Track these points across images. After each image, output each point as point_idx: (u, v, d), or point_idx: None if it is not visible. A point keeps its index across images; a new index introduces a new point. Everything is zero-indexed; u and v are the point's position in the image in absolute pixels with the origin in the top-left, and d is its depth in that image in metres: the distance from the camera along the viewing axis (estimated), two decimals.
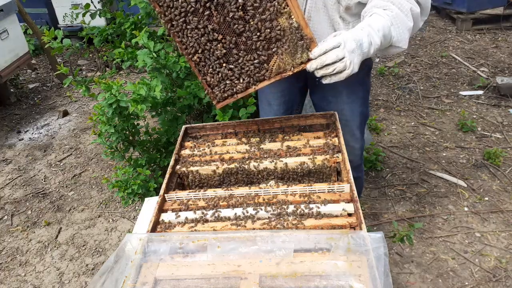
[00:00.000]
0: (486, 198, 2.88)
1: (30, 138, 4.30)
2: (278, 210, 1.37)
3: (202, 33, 1.43)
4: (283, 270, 1.12)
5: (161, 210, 1.47)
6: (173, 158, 1.68)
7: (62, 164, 3.84)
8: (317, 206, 1.36)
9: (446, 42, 5.40)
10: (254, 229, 1.30)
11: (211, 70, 1.51)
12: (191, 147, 1.78)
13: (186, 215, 1.41)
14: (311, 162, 1.57)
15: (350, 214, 1.33)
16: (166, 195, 1.51)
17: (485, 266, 2.41)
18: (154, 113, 2.88)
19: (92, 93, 2.74)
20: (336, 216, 1.33)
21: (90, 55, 5.73)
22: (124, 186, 2.81)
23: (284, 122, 1.82)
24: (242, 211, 1.39)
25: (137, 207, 3.16)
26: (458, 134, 3.59)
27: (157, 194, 2.49)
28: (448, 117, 3.86)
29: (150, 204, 1.77)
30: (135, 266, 1.19)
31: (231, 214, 1.39)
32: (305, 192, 1.43)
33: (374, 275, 1.06)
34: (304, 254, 1.17)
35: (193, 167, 1.63)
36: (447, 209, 2.83)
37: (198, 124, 1.90)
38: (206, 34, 1.43)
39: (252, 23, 1.38)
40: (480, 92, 4.18)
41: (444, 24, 5.96)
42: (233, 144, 1.76)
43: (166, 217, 1.43)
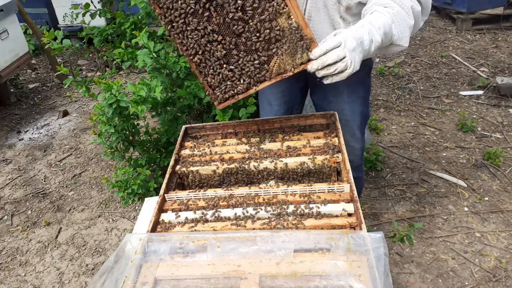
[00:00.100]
0: (486, 198, 2.88)
1: (30, 138, 4.30)
2: (278, 210, 1.37)
3: (202, 34, 1.43)
4: (283, 270, 1.12)
5: (161, 210, 1.47)
6: (173, 158, 1.69)
7: (62, 164, 3.84)
8: (317, 206, 1.36)
9: (446, 42, 5.40)
10: (254, 229, 1.30)
11: (212, 71, 1.51)
12: (191, 147, 1.78)
13: (186, 215, 1.41)
14: (311, 162, 1.57)
15: (350, 214, 1.34)
16: (166, 195, 1.51)
17: (485, 266, 2.41)
18: (154, 113, 2.88)
19: (92, 93, 2.74)
20: (336, 216, 1.33)
21: (90, 55, 5.73)
22: (124, 186, 2.81)
23: (284, 122, 1.82)
24: (242, 211, 1.39)
25: (137, 207, 3.16)
26: (458, 134, 3.59)
27: (157, 194, 2.49)
28: (448, 117, 3.86)
29: (150, 204, 1.78)
30: (135, 266, 1.19)
31: (231, 214, 1.39)
32: (305, 192, 1.43)
33: (374, 275, 1.06)
34: (304, 254, 1.17)
35: (193, 167, 1.63)
36: (447, 209, 2.83)
37: (198, 124, 1.90)
38: (206, 35, 1.43)
39: (251, 24, 1.37)
40: (480, 92, 4.18)
41: (444, 24, 5.96)
42: (233, 144, 1.76)
43: (166, 217, 1.43)
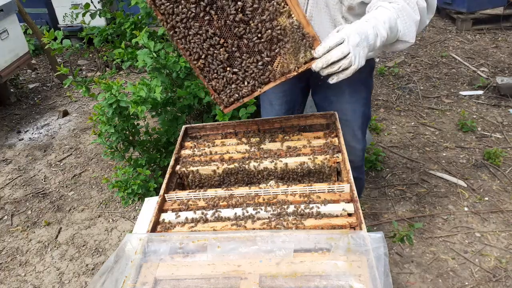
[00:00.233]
0: (486, 198, 2.88)
1: (30, 138, 4.30)
2: (278, 210, 1.37)
3: (204, 38, 1.42)
4: (283, 270, 1.12)
5: (161, 210, 1.47)
6: (173, 158, 1.69)
7: (62, 164, 3.84)
8: (317, 206, 1.36)
9: (446, 42, 5.40)
10: (254, 229, 1.30)
11: (216, 75, 1.50)
12: (191, 147, 1.78)
13: (186, 215, 1.41)
14: (311, 162, 1.57)
15: (350, 214, 1.34)
16: (166, 195, 1.51)
17: (485, 266, 2.41)
18: (154, 113, 2.88)
19: (92, 93, 2.74)
20: (336, 216, 1.33)
21: (90, 55, 5.73)
22: (124, 186, 2.81)
23: (284, 122, 1.82)
24: (242, 211, 1.39)
25: (137, 207, 3.16)
26: (458, 134, 3.59)
27: (157, 194, 2.49)
28: (448, 117, 3.86)
29: (150, 204, 1.78)
30: (135, 266, 1.19)
31: (231, 214, 1.39)
32: (305, 192, 1.43)
33: (374, 275, 1.06)
34: (304, 254, 1.17)
35: (193, 167, 1.63)
36: (447, 209, 2.83)
37: (198, 124, 1.90)
38: (208, 39, 1.42)
39: (252, 25, 1.37)
40: (480, 92, 4.18)
41: (444, 24, 5.96)
42: (233, 144, 1.76)
43: (166, 217, 1.43)
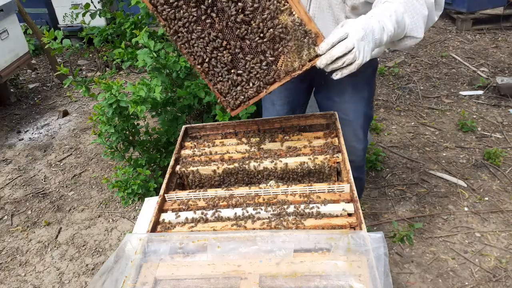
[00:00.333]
0: (486, 198, 2.88)
1: (30, 138, 4.30)
2: (278, 210, 1.37)
3: (207, 41, 1.42)
4: (283, 270, 1.12)
5: (161, 210, 1.47)
6: (173, 158, 1.69)
7: (62, 164, 3.84)
8: (317, 206, 1.36)
9: (446, 42, 5.40)
10: (254, 229, 1.30)
11: (221, 78, 1.50)
12: (191, 147, 1.78)
13: (186, 215, 1.41)
14: (311, 162, 1.57)
15: (350, 214, 1.34)
16: (166, 195, 1.51)
17: (485, 266, 2.41)
18: (154, 113, 2.88)
19: (92, 93, 2.74)
20: (336, 216, 1.33)
21: (90, 55, 5.73)
22: (124, 186, 2.81)
23: (284, 122, 1.82)
24: (242, 211, 1.39)
25: (137, 207, 3.16)
26: (458, 134, 3.59)
27: (157, 194, 2.49)
28: (448, 117, 3.86)
29: (150, 204, 1.78)
30: (135, 266, 1.19)
31: (231, 214, 1.39)
32: (305, 192, 1.43)
33: (374, 275, 1.06)
34: (304, 254, 1.17)
35: (193, 167, 1.63)
36: (447, 209, 2.83)
37: (198, 124, 1.90)
38: (211, 42, 1.42)
39: (253, 25, 1.36)
40: (480, 92, 4.18)
41: (444, 24, 5.96)
42: (233, 144, 1.76)
43: (166, 217, 1.43)
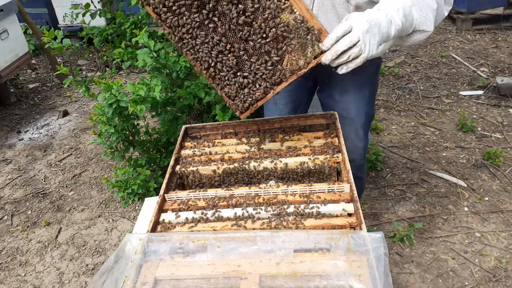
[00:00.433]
0: (486, 198, 2.88)
1: (30, 138, 4.30)
2: (278, 210, 1.37)
3: (211, 45, 1.42)
4: (283, 270, 1.12)
5: (161, 210, 1.47)
6: (173, 158, 1.69)
7: (62, 164, 3.84)
8: (317, 206, 1.36)
9: (446, 42, 5.40)
10: (254, 229, 1.30)
11: (227, 81, 1.50)
12: (191, 147, 1.78)
13: (186, 215, 1.41)
14: (311, 162, 1.57)
15: (350, 214, 1.34)
16: (166, 195, 1.51)
17: (485, 266, 2.41)
18: (154, 113, 2.88)
19: (92, 93, 2.74)
20: (336, 216, 1.33)
21: (90, 55, 5.73)
22: (124, 186, 2.81)
23: (284, 122, 1.82)
24: (242, 211, 1.39)
25: (137, 207, 3.16)
26: (458, 134, 3.59)
27: (157, 194, 2.49)
28: (448, 117, 3.86)
29: (150, 204, 1.78)
30: (135, 266, 1.19)
31: (231, 214, 1.39)
32: (305, 192, 1.43)
33: (374, 275, 1.06)
34: (304, 254, 1.17)
35: (193, 167, 1.63)
36: (447, 209, 2.83)
37: (198, 124, 1.90)
38: (216, 46, 1.42)
39: (255, 26, 1.35)
40: (480, 92, 4.18)
41: (444, 24, 5.96)
42: (233, 144, 1.76)
43: (166, 217, 1.43)
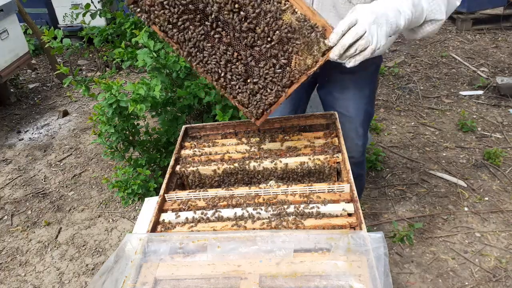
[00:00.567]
0: (486, 198, 2.88)
1: (30, 138, 4.30)
2: (278, 210, 1.37)
3: (219, 56, 1.42)
4: (283, 270, 1.12)
5: (161, 210, 1.47)
6: (173, 158, 1.69)
7: (62, 164, 3.84)
8: (317, 206, 1.36)
9: (446, 42, 5.40)
10: (254, 229, 1.30)
11: (239, 89, 1.49)
12: (191, 147, 1.78)
13: (186, 215, 1.41)
14: (311, 162, 1.57)
15: (350, 214, 1.34)
16: (166, 195, 1.51)
17: (485, 266, 2.41)
18: (154, 113, 2.88)
19: (92, 93, 2.74)
20: (336, 216, 1.33)
21: (90, 55, 5.73)
22: (124, 186, 2.81)
23: (284, 122, 1.82)
24: (242, 211, 1.39)
25: (137, 207, 3.16)
26: (458, 134, 3.59)
27: (157, 194, 2.49)
28: (448, 117, 3.86)
29: (150, 204, 1.77)
30: (135, 266, 1.19)
31: (231, 214, 1.39)
32: (305, 192, 1.43)
33: (374, 275, 1.06)
34: (304, 254, 1.17)
35: (193, 167, 1.63)
36: (447, 209, 2.83)
37: (198, 124, 1.90)
38: (223, 56, 1.42)
39: (259, 31, 1.34)
40: (480, 92, 4.18)
41: (444, 24, 5.94)
42: (233, 144, 1.76)
43: (166, 217, 1.43)
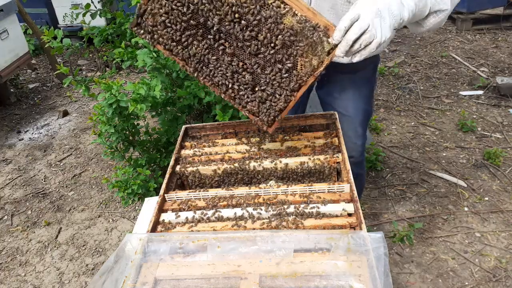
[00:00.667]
0: (486, 198, 2.88)
1: (30, 138, 4.30)
2: (278, 210, 1.37)
3: (225, 68, 1.42)
4: (283, 270, 1.12)
5: (161, 210, 1.47)
6: (173, 158, 1.68)
7: (62, 164, 3.84)
8: (317, 206, 1.36)
9: (446, 42, 5.40)
10: (254, 229, 1.30)
11: (247, 99, 1.49)
12: (191, 147, 1.78)
13: (186, 215, 1.41)
14: (311, 162, 1.57)
15: (350, 214, 1.34)
16: (166, 195, 1.51)
17: (485, 266, 2.41)
18: (154, 113, 2.88)
19: (92, 93, 2.74)
20: (336, 216, 1.33)
21: (90, 55, 5.73)
22: (124, 186, 2.81)
23: (284, 122, 1.82)
24: (242, 211, 1.39)
25: (137, 207, 3.16)
26: (458, 134, 3.59)
27: (157, 194, 2.49)
28: (448, 117, 3.86)
29: (150, 204, 1.77)
30: (135, 266, 1.19)
31: (231, 214, 1.39)
32: (305, 192, 1.43)
33: (374, 275, 1.06)
34: (304, 254, 1.17)
35: (193, 167, 1.63)
36: (447, 209, 2.83)
37: (198, 124, 1.90)
38: (229, 67, 1.42)
39: (261, 38, 1.34)
40: (480, 92, 4.18)
41: (444, 24, 5.95)
42: (233, 144, 1.76)
43: (166, 217, 1.43)
